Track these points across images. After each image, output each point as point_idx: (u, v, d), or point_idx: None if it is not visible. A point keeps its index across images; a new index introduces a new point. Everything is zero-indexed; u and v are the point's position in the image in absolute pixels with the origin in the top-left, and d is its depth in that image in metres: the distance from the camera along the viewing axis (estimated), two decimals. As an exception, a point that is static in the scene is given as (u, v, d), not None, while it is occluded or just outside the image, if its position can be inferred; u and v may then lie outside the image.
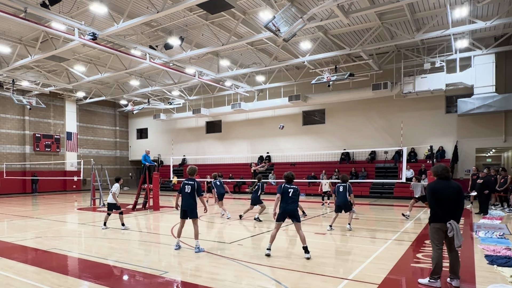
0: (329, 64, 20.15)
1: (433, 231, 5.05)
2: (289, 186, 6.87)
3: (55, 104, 28.27)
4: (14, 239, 8.82)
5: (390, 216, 12.76)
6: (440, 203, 4.95)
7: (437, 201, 4.97)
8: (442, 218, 4.92)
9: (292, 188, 6.85)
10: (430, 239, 5.15)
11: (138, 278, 5.68)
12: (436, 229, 5.00)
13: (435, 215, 5.01)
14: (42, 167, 27.32)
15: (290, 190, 6.82)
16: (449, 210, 4.91)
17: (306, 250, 6.58)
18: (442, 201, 4.94)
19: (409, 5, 13.54)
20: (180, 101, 26.13)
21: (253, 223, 11.23)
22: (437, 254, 5.01)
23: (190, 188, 7.26)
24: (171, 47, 15.24)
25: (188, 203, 7.27)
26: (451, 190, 4.94)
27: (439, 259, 4.99)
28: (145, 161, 15.26)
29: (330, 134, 23.47)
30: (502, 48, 16.90)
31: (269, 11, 12.20)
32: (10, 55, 17.60)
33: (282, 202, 6.79)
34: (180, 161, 29.84)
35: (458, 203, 4.94)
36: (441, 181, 5.07)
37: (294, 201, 6.82)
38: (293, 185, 6.91)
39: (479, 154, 22.46)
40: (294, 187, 6.88)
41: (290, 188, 6.84)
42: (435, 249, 5.06)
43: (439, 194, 4.97)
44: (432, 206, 5.05)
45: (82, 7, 13.20)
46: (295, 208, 6.83)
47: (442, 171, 5.10)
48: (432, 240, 5.09)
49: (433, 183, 5.14)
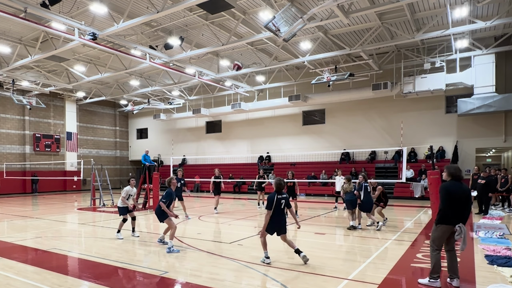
0: (329, 64, 20.15)
1: (439, 233, 4.94)
2: (280, 196, 6.15)
3: (55, 104, 28.27)
4: (14, 239, 8.82)
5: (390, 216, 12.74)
6: (452, 205, 4.83)
7: (450, 203, 4.84)
8: (452, 220, 4.82)
9: (284, 199, 6.19)
10: (432, 239, 5.04)
11: (138, 278, 5.68)
12: (443, 231, 4.90)
13: (445, 216, 4.87)
14: (42, 167, 27.31)
15: (282, 202, 6.16)
16: (459, 212, 4.82)
17: (299, 251, 6.17)
18: (454, 203, 4.82)
19: (409, 5, 13.54)
20: (180, 101, 26.12)
21: (253, 223, 11.23)
22: (434, 254, 4.98)
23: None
24: (171, 47, 15.23)
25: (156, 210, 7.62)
26: (463, 192, 4.86)
27: (437, 258, 4.96)
28: (145, 161, 15.28)
29: (330, 134, 23.47)
30: (502, 48, 16.90)
31: (269, 11, 12.19)
32: (10, 55, 17.59)
33: (275, 216, 6.10)
34: (180, 161, 29.84)
35: (468, 206, 4.86)
36: (455, 182, 4.95)
37: (284, 212, 6.30)
38: (284, 194, 6.26)
39: (479, 154, 22.45)
40: (285, 196, 6.26)
41: (282, 199, 6.17)
42: (433, 250, 5.00)
43: (453, 195, 4.84)
44: (444, 208, 4.89)
45: (82, 7, 13.20)
46: (285, 220, 6.33)
47: (457, 171, 4.99)
48: (434, 241, 5.00)
49: (448, 184, 4.98)
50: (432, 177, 9.45)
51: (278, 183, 6.24)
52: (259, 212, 13.86)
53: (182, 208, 12.33)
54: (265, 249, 6.35)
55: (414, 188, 18.43)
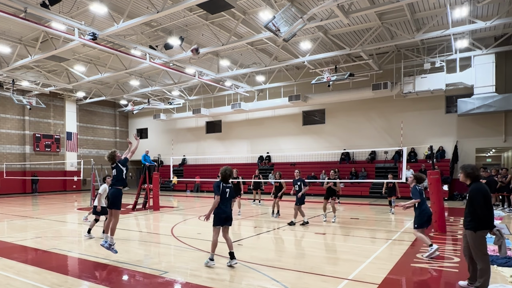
0: (329, 64, 20.15)
1: (482, 239, 4.53)
2: (225, 185, 6.16)
3: (55, 104, 28.27)
4: (14, 239, 8.82)
5: (390, 216, 12.75)
6: (489, 207, 4.52)
7: (487, 205, 4.51)
8: (490, 224, 4.54)
9: (228, 188, 6.18)
10: (477, 249, 4.55)
11: (138, 278, 5.68)
12: (483, 237, 4.54)
13: (484, 220, 4.51)
14: (42, 167, 27.31)
15: (227, 191, 6.14)
16: (492, 214, 4.57)
17: (233, 256, 6.07)
18: (489, 205, 4.52)
19: (409, 5, 13.54)
20: (180, 101, 26.12)
21: (253, 223, 11.23)
22: (487, 265, 4.52)
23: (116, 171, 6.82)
24: (171, 47, 15.23)
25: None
26: (489, 192, 4.65)
27: (489, 271, 4.54)
28: (145, 161, 15.27)
29: (330, 134, 23.47)
30: (502, 48, 16.90)
31: (269, 11, 12.20)
32: (10, 55, 17.59)
33: (222, 205, 6.06)
34: (180, 161, 29.84)
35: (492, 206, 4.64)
36: (481, 183, 4.69)
37: (230, 204, 6.33)
38: (229, 184, 6.26)
39: (479, 154, 22.46)
40: (230, 186, 6.26)
41: (227, 187, 6.17)
42: (483, 259, 4.52)
43: (487, 197, 4.53)
44: (482, 211, 4.50)
45: (82, 7, 13.20)
46: (231, 212, 6.33)
47: (476, 171, 4.72)
48: (480, 250, 4.53)
49: (479, 186, 4.65)
50: (432, 177, 9.46)
51: (224, 172, 6.18)
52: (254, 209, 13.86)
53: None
54: (213, 251, 6.14)
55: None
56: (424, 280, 5.57)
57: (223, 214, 6.05)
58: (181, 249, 7.47)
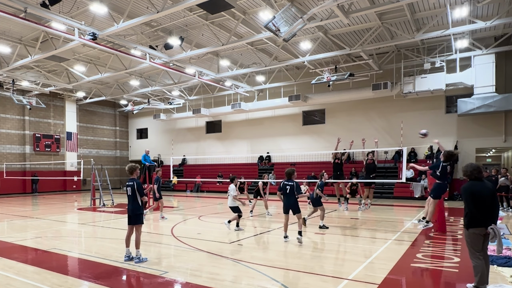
0: (329, 64, 20.14)
1: (473, 237, 4.67)
2: (286, 183, 7.93)
3: (55, 104, 28.27)
4: (14, 239, 8.82)
5: (390, 216, 12.76)
6: (479, 206, 4.62)
7: (476, 204, 4.63)
8: (482, 222, 4.61)
9: (289, 186, 7.84)
10: (469, 246, 4.73)
11: (138, 278, 5.68)
12: (476, 235, 4.66)
13: (475, 219, 4.64)
14: (42, 167, 27.31)
15: (287, 187, 7.85)
16: (487, 213, 4.62)
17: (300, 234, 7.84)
18: (480, 203, 4.62)
19: (409, 5, 13.54)
20: (180, 101, 26.13)
21: (253, 223, 11.22)
22: (479, 262, 4.63)
23: (130, 190, 6.53)
24: (171, 47, 15.23)
25: (130, 207, 6.56)
26: (487, 191, 4.68)
27: (483, 267, 4.62)
28: (145, 161, 15.26)
29: (330, 134, 23.43)
30: (502, 48, 16.89)
31: (269, 11, 12.19)
32: (10, 55, 17.60)
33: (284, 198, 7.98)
34: (180, 161, 29.84)
35: (494, 205, 4.67)
36: (476, 182, 4.75)
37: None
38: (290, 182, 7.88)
39: (479, 154, 22.44)
40: (291, 184, 7.86)
41: (288, 185, 7.86)
42: (475, 257, 4.67)
43: (478, 196, 4.64)
44: (471, 210, 4.67)
45: (82, 7, 13.20)
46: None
47: (473, 171, 4.75)
48: (472, 247, 4.69)
49: (468, 185, 4.77)
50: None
51: (286, 171, 8.14)
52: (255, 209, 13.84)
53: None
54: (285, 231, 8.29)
55: (414, 188, 18.44)
56: (424, 280, 5.57)
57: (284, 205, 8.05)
58: (181, 249, 7.47)
